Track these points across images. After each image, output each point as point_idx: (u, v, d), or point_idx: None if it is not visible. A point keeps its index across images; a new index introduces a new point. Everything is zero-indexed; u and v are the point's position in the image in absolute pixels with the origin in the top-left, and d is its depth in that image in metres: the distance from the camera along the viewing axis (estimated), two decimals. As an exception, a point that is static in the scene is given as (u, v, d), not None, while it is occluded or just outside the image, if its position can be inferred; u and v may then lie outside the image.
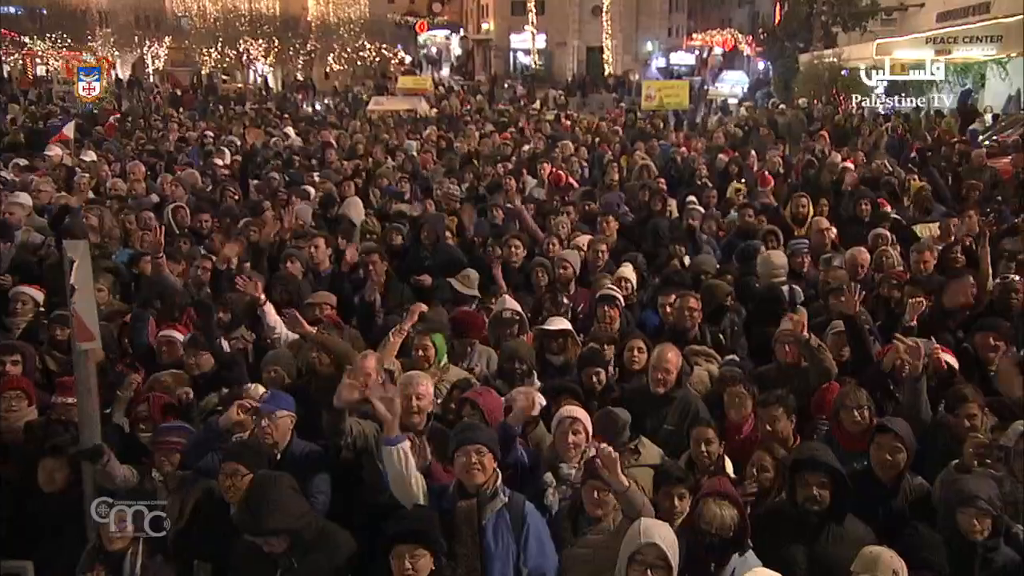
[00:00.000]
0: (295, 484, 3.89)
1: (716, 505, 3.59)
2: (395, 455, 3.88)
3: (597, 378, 5.12)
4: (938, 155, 12.38)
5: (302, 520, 3.72)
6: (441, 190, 10.11)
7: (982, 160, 11.30)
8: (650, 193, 9.71)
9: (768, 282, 6.78)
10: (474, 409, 4.46)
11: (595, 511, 3.85)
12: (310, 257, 7.45)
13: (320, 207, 9.72)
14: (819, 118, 20.00)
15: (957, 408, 4.50)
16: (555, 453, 4.29)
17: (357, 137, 16.13)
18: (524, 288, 6.90)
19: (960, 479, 3.76)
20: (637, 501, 3.72)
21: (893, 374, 4.87)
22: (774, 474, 4.17)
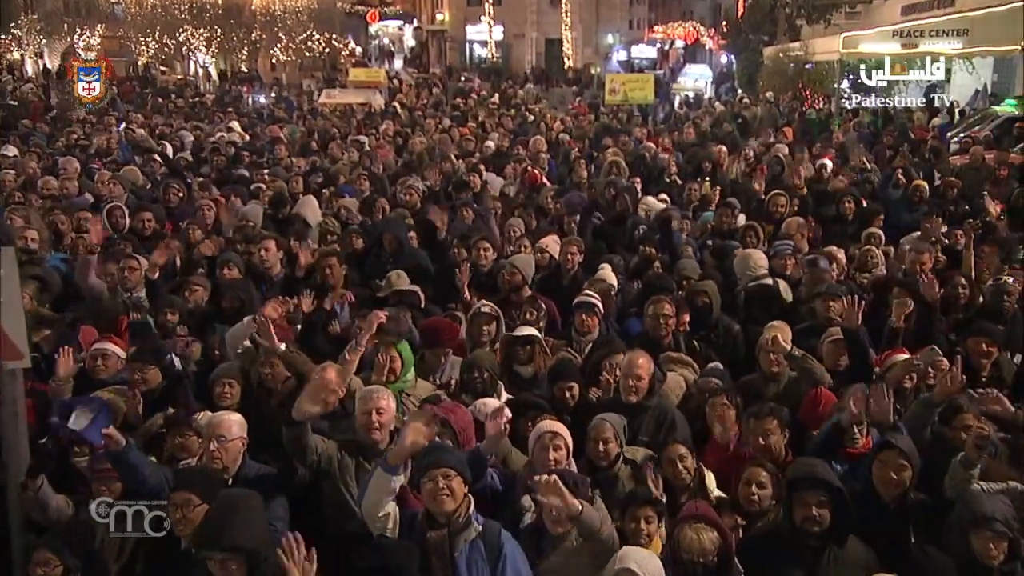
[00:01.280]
0: (262, 505, 3.69)
1: (693, 530, 3.49)
2: (386, 483, 3.69)
3: (570, 392, 4.97)
4: (917, 151, 12.52)
5: (264, 544, 3.48)
6: (403, 187, 9.84)
7: (979, 157, 11.41)
8: (615, 191, 9.60)
9: (747, 282, 6.72)
10: (444, 428, 4.27)
11: (556, 528, 3.71)
12: (260, 261, 7.15)
13: (270, 207, 9.40)
14: (786, 113, 20.22)
15: (952, 420, 4.45)
16: (533, 472, 4.10)
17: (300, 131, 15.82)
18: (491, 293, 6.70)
19: (973, 498, 3.66)
20: (593, 522, 3.56)
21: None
22: (772, 490, 4.05)
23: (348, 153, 12.94)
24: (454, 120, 18.46)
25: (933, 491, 4.04)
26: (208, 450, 4.22)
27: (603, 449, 4.30)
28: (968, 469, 3.93)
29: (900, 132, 15.08)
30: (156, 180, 10.92)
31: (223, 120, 19.34)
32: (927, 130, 15.94)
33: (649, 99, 20.12)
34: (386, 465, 3.73)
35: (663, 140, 13.93)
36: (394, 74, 36.33)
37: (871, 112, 19.12)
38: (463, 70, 40.22)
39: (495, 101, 24.36)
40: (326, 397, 4.29)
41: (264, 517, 3.67)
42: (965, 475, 3.90)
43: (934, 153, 11.75)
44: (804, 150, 12.55)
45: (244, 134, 16.50)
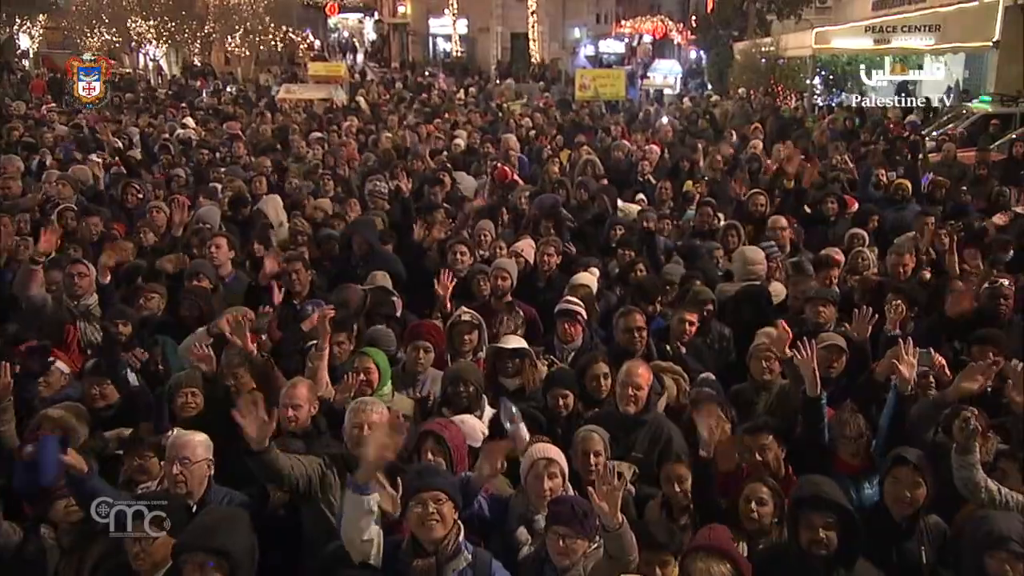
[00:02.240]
0: (250, 523, 3.54)
1: (703, 562, 3.34)
2: (359, 505, 3.48)
3: (564, 401, 4.82)
4: (895, 149, 12.59)
5: (248, 560, 3.34)
6: (368, 188, 9.63)
7: (951, 154, 11.51)
8: (588, 192, 9.49)
9: (743, 280, 6.64)
10: (439, 445, 4.08)
11: (562, 561, 3.54)
12: (209, 259, 6.90)
13: (229, 207, 9.13)
14: (759, 109, 20.31)
15: (952, 428, 4.38)
16: (526, 501, 3.95)
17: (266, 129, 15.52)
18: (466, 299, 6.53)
19: (987, 517, 3.57)
20: (627, 544, 3.40)
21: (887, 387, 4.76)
22: (772, 507, 3.94)
23: (312, 151, 12.67)
24: (420, 117, 18.23)
25: (938, 505, 3.97)
26: (170, 473, 4.00)
27: (593, 462, 4.16)
28: (965, 455, 3.86)
29: (878, 129, 15.20)
30: (109, 179, 10.56)
31: (176, 116, 18.95)
32: (903, 127, 16.09)
33: (620, 95, 20.15)
34: (355, 485, 3.53)
35: (636, 138, 13.86)
36: (359, 68, 35.95)
37: (845, 109, 19.29)
38: (426, 65, 39.88)
39: (461, 97, 24.14)
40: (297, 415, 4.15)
41: (252, 536, 3.49)
42: (964, 461, 3.83)
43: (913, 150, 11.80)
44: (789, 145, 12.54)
45: (199, 130, 16.12)
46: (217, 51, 40.90)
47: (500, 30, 42.22)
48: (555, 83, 32.79)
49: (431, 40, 44.80)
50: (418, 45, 44.46)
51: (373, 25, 49.01)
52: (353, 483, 3.54)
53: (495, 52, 41.94)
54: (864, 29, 21.70)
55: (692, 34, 34.72)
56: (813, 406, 4.35)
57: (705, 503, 4.07)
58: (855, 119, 16.89)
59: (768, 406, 4.97)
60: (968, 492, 3.85)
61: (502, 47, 42.11)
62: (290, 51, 41.02)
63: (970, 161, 12.15)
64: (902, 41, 21.06)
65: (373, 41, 48.79)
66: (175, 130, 15.98)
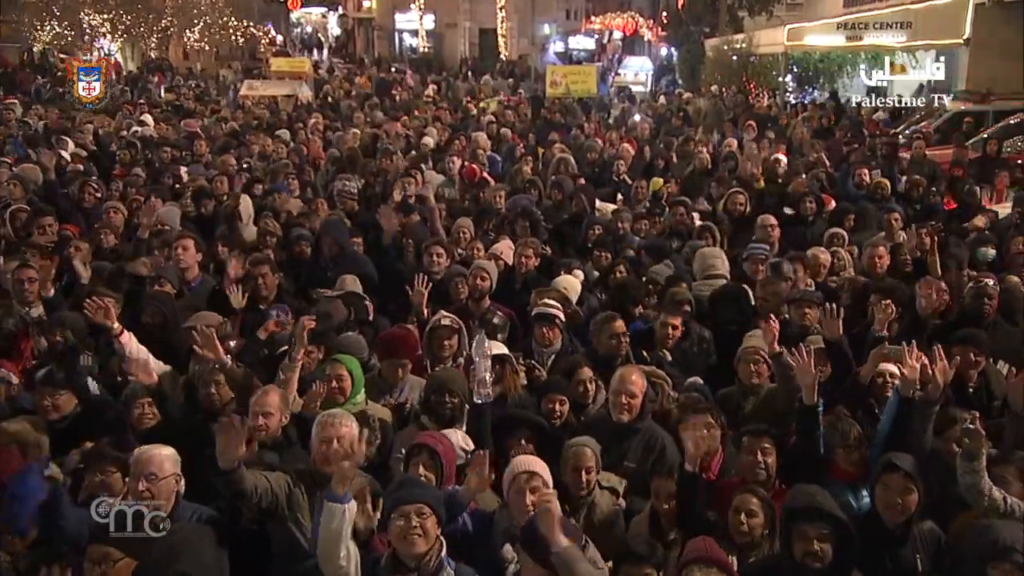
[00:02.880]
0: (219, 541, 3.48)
1: (701, 573, 3.30)
2: (336, 515, 3.40)
3: (560, 408, 4.78)
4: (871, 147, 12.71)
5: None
6: (337, 187, 9.49)
7: (922, 153, 11.64)
8: (563, 192, 9.43)
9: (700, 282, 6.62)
10: (432, 459, 4.00)
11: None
12: (175, 263, 6.73)
13: (193, 208, 8.94)
14: (731, 107, 20.43)
15: (945, 431, 4.39)
16: (509, 516, 3.87)
17: (231, 126, 15.27)
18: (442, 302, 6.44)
19: (989, 527, 3.55)
20: (577, 568, 3.27)
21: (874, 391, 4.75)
22: (763, 519, 3.89)
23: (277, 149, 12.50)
24: (388, 114, 18.08)
25: (932, 511, 3.96)
26: (136, 490, 3.85)
27: (584, 479, 4.11)
28: (971, 461, 3.84)
29: (853, 127, 15.35)
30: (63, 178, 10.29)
31: (133, 113, 18.60)
32: (877, 124, 16.28)
33: (592, 92, 20.13)
34: (332, 495, 3.45)
35: (611, 136, 13.85)
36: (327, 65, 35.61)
37: (819, 106, 19.46)
38: (393, 61, 39.62)
39: (430, 94, 23.99)
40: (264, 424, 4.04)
41: (220, 553, 3.41)
42: (970, 467, 3.81)
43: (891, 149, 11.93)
44: (766, 141, 12.62)
45: (159, 128, 15.83)
46: (175, 46, 40.29)
47: (468, 25, 42.13)
48: (524, 80, 32.77)
49: (397, 35, 44.54)
50: (384, 41, 44.18)
51: (337, 20, 48.59)
52: (329, 493, 3.47)
53: (463, 48, 41.82)
54: (836, 26, 21.88)
55: (663, 30, 34.81)
56: (810, 415, 4.31)
57: (690, 516, 4.01)
58: (831, 117, 17.03)
59: (755, 410, 4.92)
60: (973, 499, 3.83)
61: (470, 43, 42.02)
62: (251, 46, 40.55)
63: (945, 159, 12.31)
64: (874, 38, 21.25)
65: (337, 36, 48.37)
66: (132, 127, 15.68)
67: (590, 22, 42.32)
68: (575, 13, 43.41)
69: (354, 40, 46.44)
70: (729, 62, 25.65)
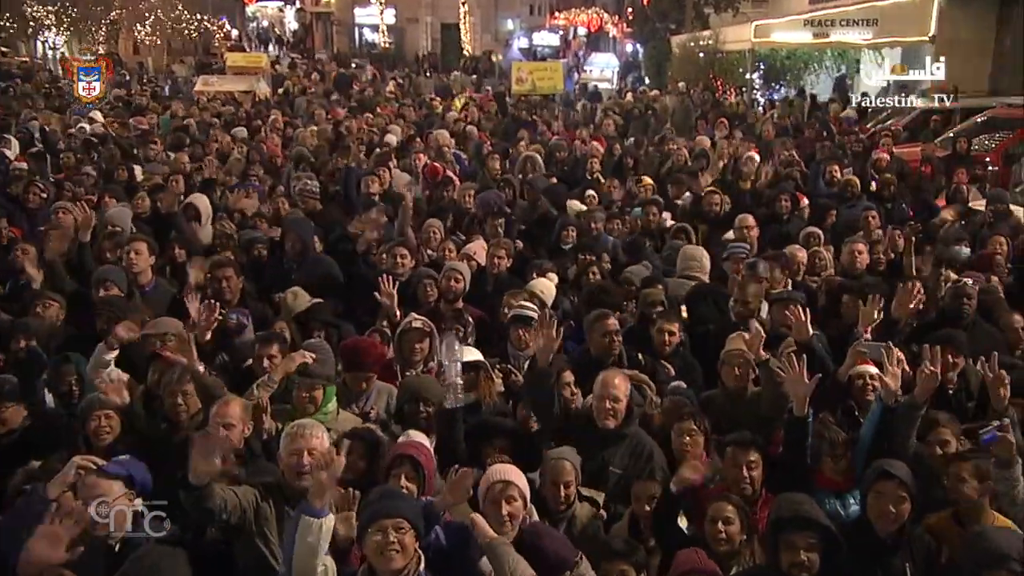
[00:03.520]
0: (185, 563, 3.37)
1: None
2: (312, 530, 3.31)
3: None
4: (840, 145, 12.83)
5: None
6: (296, 186, 9.32)
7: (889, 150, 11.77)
8: (534, 191, 9.37)
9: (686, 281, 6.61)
10: (416, 470, 3.91)
11: None
12: (128, 267, 6.53)
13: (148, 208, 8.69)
14: (699, 104, 20.55)
15: (928, 434, 4.40)
16: None
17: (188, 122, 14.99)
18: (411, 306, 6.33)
19: (984, 534, 3.55)
20: (505, 560, 3.29)
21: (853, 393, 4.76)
22: (740, 526, 3.85)
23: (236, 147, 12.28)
24: (349, 111, 17.89)
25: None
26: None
27: (564, 494, 4.05)
28: (1006, 469, 3.84)
29: (821, 125, 15.50)
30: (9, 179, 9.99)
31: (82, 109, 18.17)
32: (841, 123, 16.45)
33: (559, 88, 20.12)
34: (309, 508, 3.36)
35: (582, 133, 13.83)
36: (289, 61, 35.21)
37: (788, 104, 19.66)
38: (353, 56, 39.30)
39: (392, 90, 23.81)
40: (228, 440, 3.91)
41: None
42: (1003, 475, 3.82)
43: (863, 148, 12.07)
44: (736, 139, 12.69)
45: (110, 125, 15.48)
46: (125, 40, 39.60)
47: (430, 20, 42.03)
48: (488, 76, 32.71)
49: (357, 30, 44.22)
50: (343, 36, 43.84)
51: (295, 14, 48.09)
52: (306, 506, 3.38)
53: (425, 44, 41.67)
54: (803, 23, 22.14)
55: (628, 27, 34.97)
56: (800, 424, 4.27)
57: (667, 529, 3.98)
58: (799, 115, 17.20)
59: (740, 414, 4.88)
60: (1004, 507, 3.81)
61: (432, 38, 41.90)
62: (205, 41, 40.00)
63: (912, 157, 12.47)
64: (840, 35, 21.55)
65: (295, 31, 47.86)
66: (79, 124, 15.30)
67: (554, 18, 42.44)
68: (539, 9, 43.55)
69: (312, 35, 46.00)
70: (696, 59, 25.83)
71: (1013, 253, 7.33)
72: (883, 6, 20.92)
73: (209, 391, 4.59)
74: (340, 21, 44.10)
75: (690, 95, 21.54)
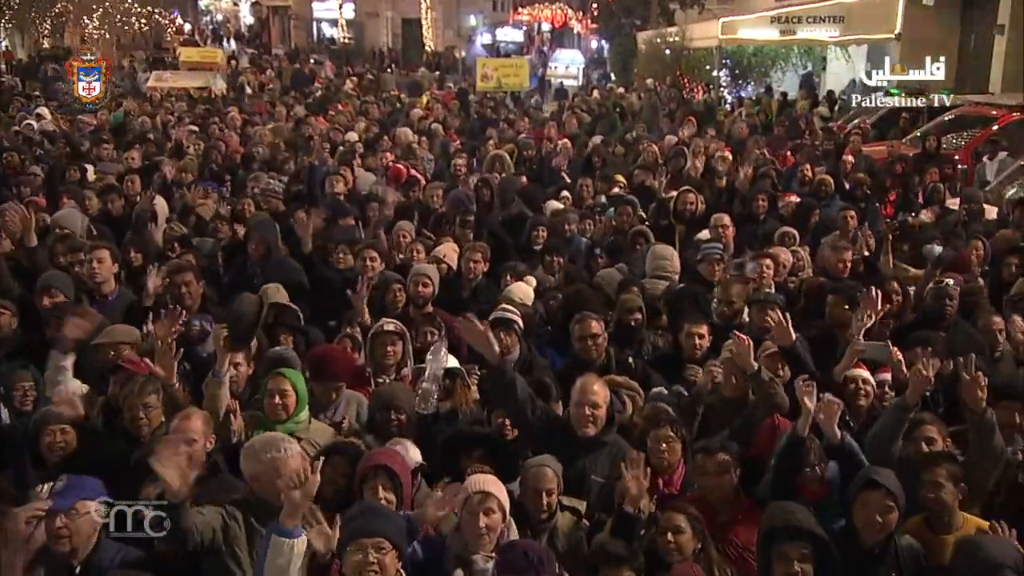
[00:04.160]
0: None
1: None
2: (283, 551, 3.24)
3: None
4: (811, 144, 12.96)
5: None
6: (259, 187, 9.15)
7: (858, 148, 11.90)
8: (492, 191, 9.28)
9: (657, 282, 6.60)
10: (392, 480, 3.81)
11: None
12: (89, 275, 6.32)
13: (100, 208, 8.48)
14: (666, 102, 20.66)
15: (913, 432, 4.39)
16: (463, 540, 3.68)
17: (142, 120, 14.68)
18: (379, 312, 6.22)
19: (979, 543, 3.53)
20: None
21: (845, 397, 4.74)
22: (692, 534, 3.80)
23: (195, 146, 12.04)
24: (309, 108, 17.68)
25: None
26: (51, 528, 3.56)
27: (546, 502, 3.98)
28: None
29: (791, 123, 15.64)
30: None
31: (26, 106, 17.77)
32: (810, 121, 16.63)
33: (525, 85, 20.14)
34: (280, 528, 3.29)
35: (549, 130, 13.78)
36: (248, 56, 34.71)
37: (756, 101, 19.84)
38: (311, 52, 38.89)
39: (353, 87, 23.60)
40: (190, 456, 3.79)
41: None
42: (975, 541, 3.71)
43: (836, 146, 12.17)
44: (708, 137, 12.74)
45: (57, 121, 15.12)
46: (71, 33, 38.76)
47: (390, 15, 41.77)
48: (451, 73, 32.58)
49: (315, 25, 43.81)
50: (301, 31, 43.40)
51: (250, 8, 47.44)
52: (277, 526, 3.30)
53: (386, 39, 41.39)
54: (770, 20, 22.37)
55: (593, 22, 35.07)
56: (798, 443, 4.17)
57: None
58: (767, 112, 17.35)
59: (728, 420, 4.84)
60: (962, 557, 3.70)
61: (393, 34, 41.63)
62: (156, 35, 39.33)
63: (881, 156, 12.61)
64: (807, 33, 21.83)
65: (251, 26, 47.23)
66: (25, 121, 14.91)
67: (518, 13, 42.35)
68: (502, 4, 43.44)
69: (268, 30, 45.43)
70: (662, 56, 25.98)
71: (988, 255, 7.41)
72: (850, 4, 21.23)
73: (178, 405, 4.45)
74: (298, 15, 43.64)
75: (657, 92, 21.64)
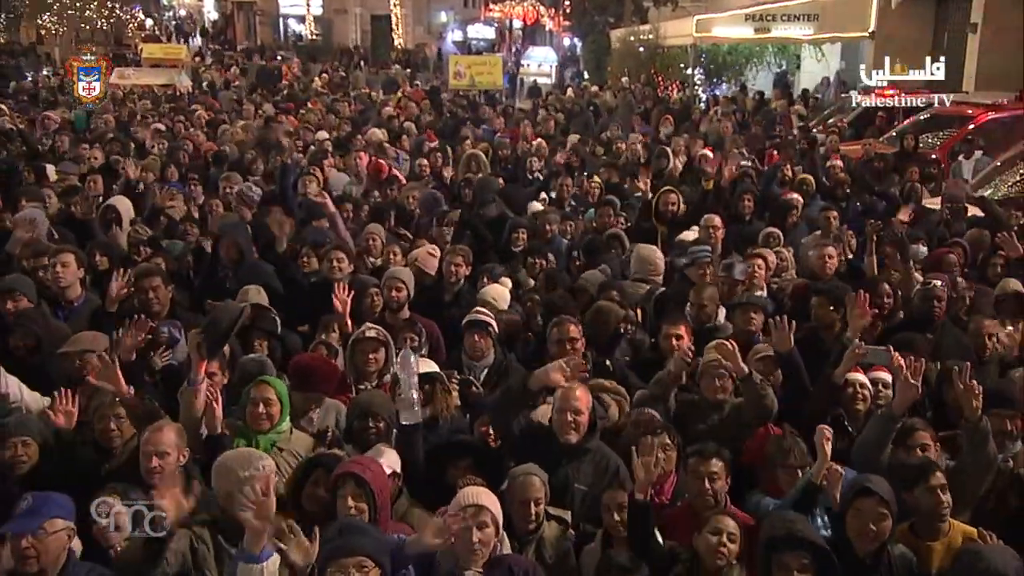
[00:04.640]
0: None
1: None
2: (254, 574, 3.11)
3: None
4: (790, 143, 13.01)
5: None
6: (233, 188, 8.97)
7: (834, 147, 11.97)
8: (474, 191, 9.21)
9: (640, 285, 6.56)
10: (360, 488, 3.69)
11: None
12: (53, 280, 6.14)
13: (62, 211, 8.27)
14: (641, 100, 20.70)
15: (906, 439, 4.38)
16: (454, 556, 3.60)
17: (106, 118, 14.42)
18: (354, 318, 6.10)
19: (980, 553, 3.51)
20: None
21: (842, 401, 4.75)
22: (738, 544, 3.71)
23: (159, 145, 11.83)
24: (278, 107, 17.49)
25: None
26: (18, 547, 3.44)
27: (533, 512, 3.92)
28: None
29: (768, 122, 15.71)
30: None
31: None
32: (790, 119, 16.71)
33: (498, 84, 20.05)
34: (245, 554, 3.17)
35: (524, 129, 13.72)
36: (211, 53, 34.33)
37: (732, 100, 19.92)
38: (277, 49, 38.54)
39: (322, 85, 23.40)
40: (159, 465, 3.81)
41: None
42: (976, 551, 3.69)
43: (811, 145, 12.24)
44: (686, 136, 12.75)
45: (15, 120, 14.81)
46: (27, 28, 38.17)
47: (359, 12, 41.56)
48: (421, 70, 32.43)
49: (282, 21, 43.47)
50: (267, 26, 43.03)
51: (214, 4, 46.95)
52: (242, 553, 3.18)
53: (354, 36, 41.15)
54: (744, 18, 22.47)
55: (566, 20, 35.06)
56: (814, 490, 4.00)
57: (644, 545, 3.87)
58: (743, 111, 17.42)
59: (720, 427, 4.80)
60: (962, 567, 3.68)
61: (362, 30, 41.42)
62: (117, 30, 38.83)
63: (857, 154, 12.69)
64: (782, 31, 21.96)
65: (215, 21, 46.73)
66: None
67: (489, 10, 42.28)
68: (473, 0, 43.36)
69: (233, 26, 44.99)
70: (636, 54, 26.00)
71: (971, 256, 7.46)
72: (824, 2, 21.38)
73: (149, 416, 4.31)
74: (264, 11, 43.30)
75: (632, 91, 21.66)
